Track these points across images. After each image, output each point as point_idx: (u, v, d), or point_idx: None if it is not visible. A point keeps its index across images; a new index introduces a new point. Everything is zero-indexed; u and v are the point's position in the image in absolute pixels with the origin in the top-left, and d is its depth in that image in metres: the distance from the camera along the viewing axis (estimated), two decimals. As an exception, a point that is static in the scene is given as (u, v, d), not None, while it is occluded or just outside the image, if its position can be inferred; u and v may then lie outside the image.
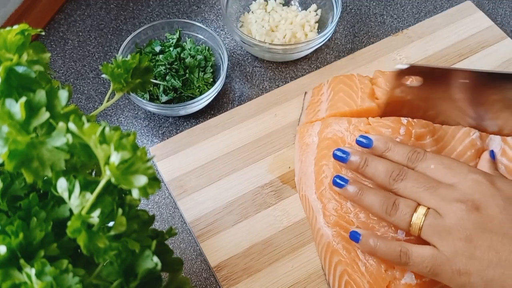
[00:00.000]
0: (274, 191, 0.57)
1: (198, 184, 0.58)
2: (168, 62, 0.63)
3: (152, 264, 0.31)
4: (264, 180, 0.58)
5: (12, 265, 0.28)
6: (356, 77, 0.59)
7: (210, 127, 0.62)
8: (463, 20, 0.71)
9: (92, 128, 0.27)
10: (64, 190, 0.29)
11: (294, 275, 0.53)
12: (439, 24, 0.70)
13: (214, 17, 0.74)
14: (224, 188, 0.58)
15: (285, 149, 0.60)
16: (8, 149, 0.27)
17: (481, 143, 0.54)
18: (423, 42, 0.69)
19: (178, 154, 0.60)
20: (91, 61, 0.69)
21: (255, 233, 0.55)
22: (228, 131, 0.62)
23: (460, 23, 0.70)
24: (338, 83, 0.59)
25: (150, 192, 0.27)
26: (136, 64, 0.42)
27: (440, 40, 0.69)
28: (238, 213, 0.56)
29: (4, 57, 0.30)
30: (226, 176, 0.58)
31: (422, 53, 0.68)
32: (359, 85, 0.58)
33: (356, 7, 0.75)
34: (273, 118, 0.63)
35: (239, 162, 0.59)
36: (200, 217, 0.56)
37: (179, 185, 0.58)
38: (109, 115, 0.65)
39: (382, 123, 0.53)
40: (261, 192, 0.57)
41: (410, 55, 0.68)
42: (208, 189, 0.58)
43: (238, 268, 0.53)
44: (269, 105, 0.64)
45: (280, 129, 0.62)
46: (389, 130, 0.52)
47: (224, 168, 0.59)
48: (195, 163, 0.59)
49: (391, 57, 0.68)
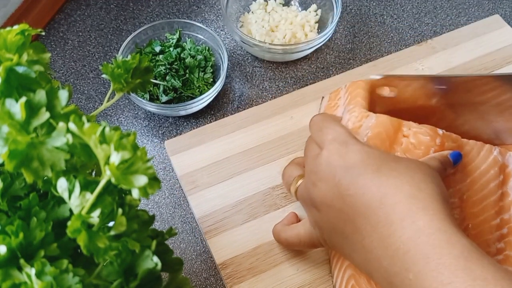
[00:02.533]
0: (284, 193, 0.57)
1: (209, 180, 0.58)
2: (168, 62, 0.63)
3: (152, 264, 0.31)
4: (275, 182, 0.58)
5: (12, 265, 0.28)
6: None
7: (224, 125, 0.62)
8: (489, 33, 0.70)
9: (92, 128, 0.27)
10: (64, 190, 0.29)
11: (299, 279, 0.52)
12: (464, 36, 0.70)
13: (214, 17, 0.74)
14: (235, 187, 0.58)
15: (299, 152, 0.60)
16: (8, 149, 0.27)
17: (502, 158, 0.53)
18: (447, 53, 0.68)
19: (192, 149, 0.60)
20: (91, 61, 0.69)
21: (263, 234, 0.55)
22: (243, 130, 0.62)
23: (486, 37, 0.69)
24: (356, 88, 0.59)
25: (150, 192, 0.27)
26: (136, 64, 0.42)
27: (465, 53, 0.68)
28: (247, 212, 0.56)
29: (4, 57, 0.30)
30: (238, 175, 0.58)
31: (446, 65, 0.67)
32: None
33: (356, 7, 0.75)
34: (289, 120, 0.62)
35: (252, 162, 0.59)
36: (209, 213, 0.56)
37: (191, 181, 0.58)
38: (109, 115, 0.65)
39: (423, 131, 0.52)
40: (272, 194, 0.57)
41: (433, 65, 0.67)
42: (219, 187, 0.58)
43: (243, 267, 0.53)
44: (286, 107, 0.64)
45: (296, 131, 0.62)
46: (428, 138, 0.51)
47: (237, 167, 0.59)
48: (208, 160, 0.59)
49: (413, 67, 0.67)
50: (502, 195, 0.53)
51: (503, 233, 0.51)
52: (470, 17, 0.74)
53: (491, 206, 0.52)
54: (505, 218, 0.52)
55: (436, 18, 0.74)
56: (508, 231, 0.51)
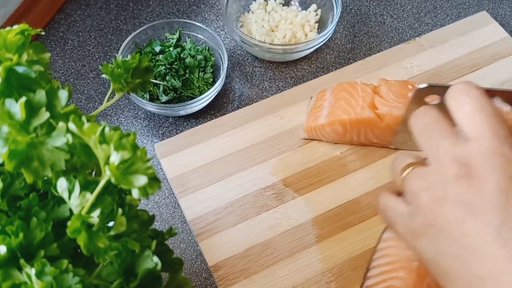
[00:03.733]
0: (276, 194, 0.57)
1: (200, 182, 0.58)
2: (168, 62, 0.63)
3: (152, 264, 0.31)
4: (266, 182, 0.58)
5: (12, 265, 0.28)
6: (359, 85, 0.59)
7: (215, 126, 0.62)
8: (477, 30, 0.70)
9: (92, 128, 0.27)
10: (64, 190, 0.29)
11: (292, 279, 0.52)
12: (452, 34, 0.70)
13: (214, 17, 0.74)
14: (226, 188, 0.58)
15: (290, 152, 0.60)
16: (8, 149, 0.27)
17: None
18: (435, 51, 0.68)
19: (182, 152, 0.60)
20: (91, 61, 0.69)
21: (255, 235, 0.55)
22: (233, 131, 0.62)
23: (474, 33, 0.69)
24: (340, 91, 0.59)
25: (150, 192, 0.27)
26: (136, 64, 0.42)
27: (453, 50, 0.68)
28: (239, 214, 0.56)
29: (4, 57, 0.30)
30: (229, 176, 0.58)
31: (434, 62, 0.67)
32: (360, 93, 0.58)
33: (356, 7, 0.75)
34: (279, 121, 0.62)
35: (243, 163, 0.59)
36: (201, 216, 0.56)
37: (182, 183, 0.58)
38: (109, 115, 0.65)
39: None
40: (263, 194, 0.57)
41: (422, 63, 0.67)
42: (210, 188, 0.58)
43: (236, 269, 0.53)
44: (276, 107, 0.63)
45: (286, 131, 0.62)
46: None
47: (227, 168, 0.59)
48: (199, 162, 0.59)
49: (402, 65, 0.67)
50: None
51: None
52: (470, 17, 0.74)
53: None
54: None
55: (436, 18, 0.74)
56: None
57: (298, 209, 0.57)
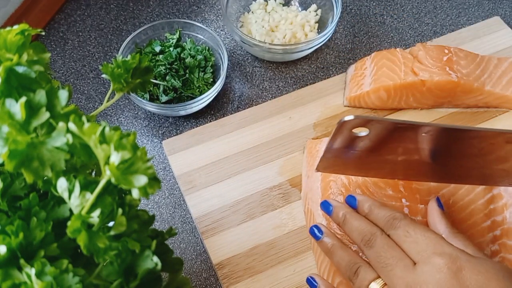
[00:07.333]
0: (282, 194, 0.57)
1: (207, 180, 0.58)
2: (168, 62, 0.63)
3: (152, 264, 0.31)
4: (273, 182, 0.58)
5: (12, 265, 0.28)
6: (398, 52, 0.61)
7: (223, 125, 0.62)
8: (490, 35, 0.70)
9: (92, 128, 0.27)
10: (64, 190, 0.29)
11: (295, 280, 0.53)
12: (464, 38, 0.70)
13: (214, 17, 0.74)
14: (232, 187, 0.58)
15: (297, 152, 0.60)
16: (8, 149, 0.27)
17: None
18: None
19: (190, 149, 0.60)
20: (91, 61, 0.69)
21: (260, 234, 0.55)
22: (241, 130, 0.62)
23: (486, 38, 0.70)
24: (381, 58, 0.62)
25: (150, 192, 0.27)
26: (136, 64, 0.42)
27: None
28: (245, 212, 0.56)
29: (4, 57, 0.30)
30: (236, 175, 0.59)
31: None
32: (402, 59, 0.60)
33: (356, 7, 0.75)
34: (287, 121, 0.63)
35: (250, 162, 0.59)
36: (207, 213, 0.56)
37: (188, 180, 0.58)
38: (109, 115, 0.65)
39: None
40: (269, 194, 0.57)
41: None
42: (216, 187, 0.58)
43: (240, 268, 0.53)
44: (285, 108, 0.64)
45: (294, 132, 0.62)
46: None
47: (234, 167, 0.59)
48: (206, 160, 0.59)
49: None
50: (492, 197, 0.53)
51: (496, 235, 0.51)
52: (470, 17, 0.74)
53: (480, 210, 0.52)
54: (497, 220, 0.52)
55: (436, 18, 0.74)
56: (501, 233, 0.51)
57: (303, 209, 0.57)
